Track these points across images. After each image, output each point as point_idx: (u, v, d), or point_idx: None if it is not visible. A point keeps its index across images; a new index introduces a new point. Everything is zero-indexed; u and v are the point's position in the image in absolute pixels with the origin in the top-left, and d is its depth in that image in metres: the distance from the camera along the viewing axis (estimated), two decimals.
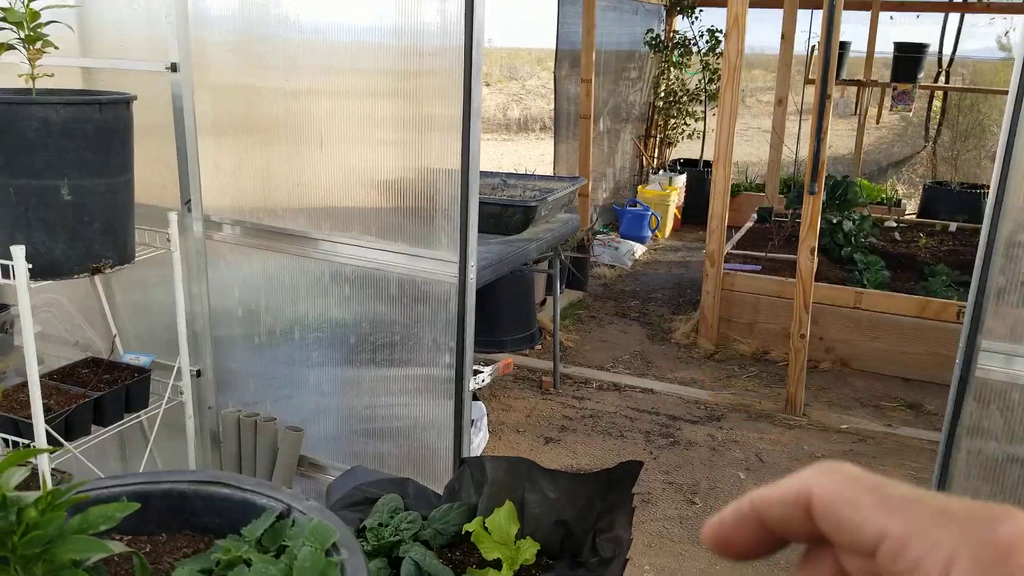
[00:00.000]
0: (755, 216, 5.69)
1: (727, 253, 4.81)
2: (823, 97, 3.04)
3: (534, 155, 11.12)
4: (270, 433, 1.76)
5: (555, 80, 5.61)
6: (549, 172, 6.41)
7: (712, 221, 4.21)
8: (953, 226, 5.55)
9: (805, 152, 6.83)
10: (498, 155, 12.12)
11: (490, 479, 1.31)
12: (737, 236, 5.22)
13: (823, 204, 5.01)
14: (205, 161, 1.87)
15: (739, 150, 12.84)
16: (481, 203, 3.36)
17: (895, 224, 5.61)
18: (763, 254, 4.72)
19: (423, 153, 1.68)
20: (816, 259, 3.67)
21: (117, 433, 1.81)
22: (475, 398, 3.37)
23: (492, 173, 3.75)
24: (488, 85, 23.54)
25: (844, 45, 6.32)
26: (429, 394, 1.72)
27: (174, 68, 1.77)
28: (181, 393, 1.78)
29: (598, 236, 6.45)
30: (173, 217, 1.74)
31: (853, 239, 4.94)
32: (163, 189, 1.87)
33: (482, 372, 1.72)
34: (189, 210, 1.87)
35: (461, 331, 1.64)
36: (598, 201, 6.93)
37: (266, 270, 1.86)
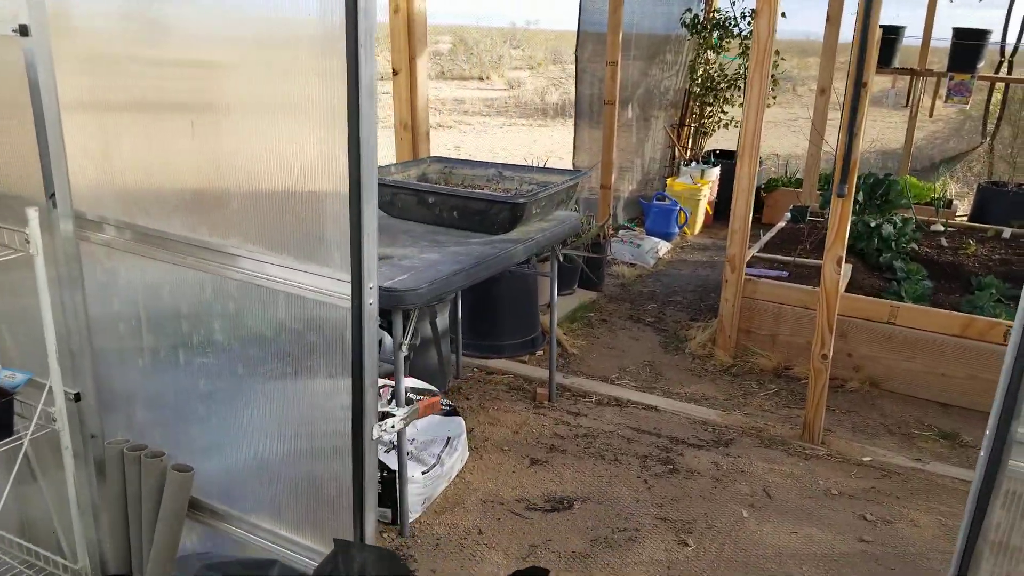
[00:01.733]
0: (788, 215, 5.27)
1: (753, 256, 4.43)
2: (858, 86, 2.65)
3: (567, 141, 10.75)
4: (156, 471, 1.51)
5: (576, 62, 5.25)
6: (571, 161, 6.06)
7: (734, 222, 3.83)
8: (1007, 232, 5.05)
9: None
10: (530, 141, 11.76)
11: (357, 571, 1.04)
12: (766, 237, 4.82)
13: (861, 205, 4.58)
14: (73, 146, 1.61)
15: (785, 141, 12.28)
16: (463, 199, 3.07)
17: (942, 228, 5.12)
18: (791, 259, 4.31)
19: (306, 143, 1.38)
20: (844, 270, 3.28)
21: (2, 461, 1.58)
22: (454, 412, 3.09)
23: (487, 164, 3.44)
24: (532, 69, 23.10)
25: (896, 30, 5.81)
26: (326, 441, 1.44)
27: (24, 31, 1.50)
28: (54, 420, 1.54)
29: (621, 231, 6.09)
30: (33, 214, 1.48)
31: (893, 244, 4.50)
32: (24, 180, 1.61)
33: (394, 416, 1.43)
34: (55, 205, 1.61)
35: (358, 368, 1.35)
36: (623, 194, 6.56)
37: (145, 279, 1.59)
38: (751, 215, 3.82)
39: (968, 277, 4.35)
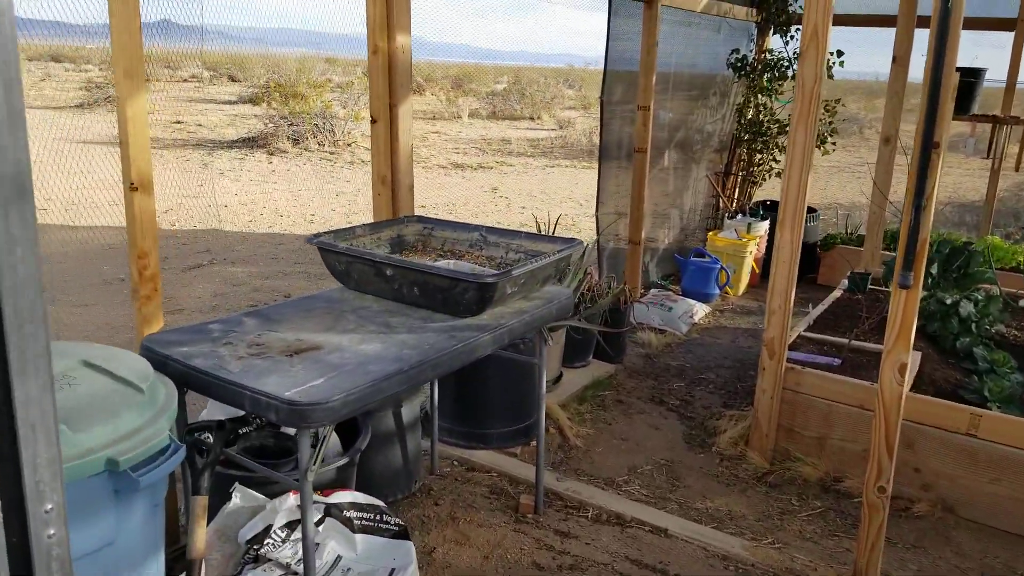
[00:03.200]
0: (845, 283, 4.54)
1: (799, 336, 3.74)
2: (927, 147, 2.00)
3: None
4: None
5: (601, 105, 4.68)
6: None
7: (773, 299, 3.17)
8: None
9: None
10: (572, 183, 11.22)
11: None
12: (816, 311, 4.10)
13: (934, 279, 3.85)
14: None
15: (849, 189, 11.39)
16: (423, 273, 2.51)
17: None
18: (845, 341, 3.60)
19: None
20: (912, 359, 2.59)
21: None
22: (404, 535, 2.48)
23: (471, 226, 2.88)
24: (584, 108, 22.70)
25: (976, 72, 5.07)
26: None
27: None
28: None
29: (652, 291, 5.45)
30: None
31: (973, 327, 3.74)
32: None
33: None
34: None
35: None
36: (659, 245, 5.93)
37: None
38: (795, 290, 3.15)
39: None
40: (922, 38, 4.82)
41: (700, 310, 5.29)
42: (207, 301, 5.25)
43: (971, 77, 5.00)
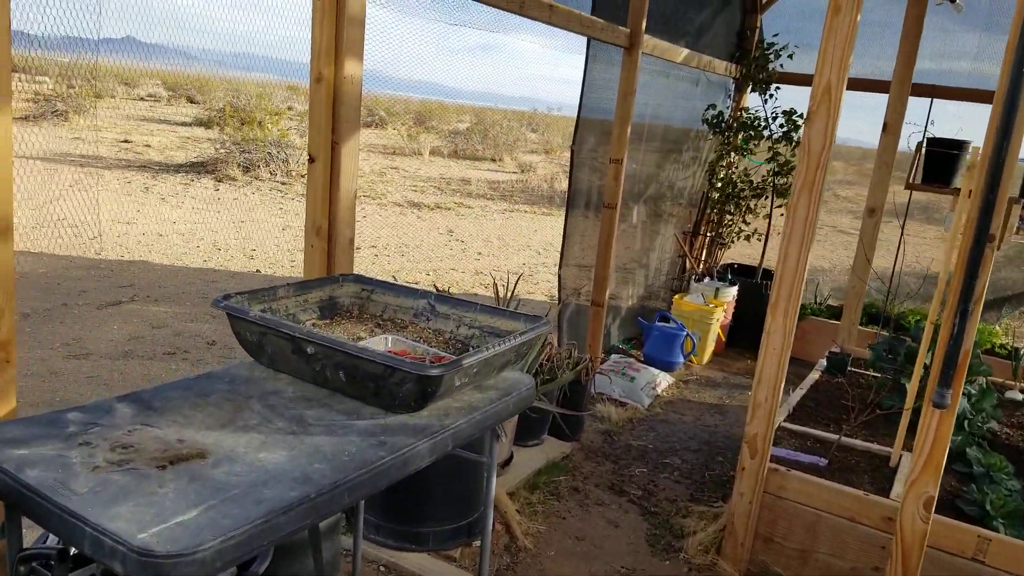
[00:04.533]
0: (824, 363, 4.21)
1: (779, 426, 3.36)
2: (980, 239, 1.64)
3: None
4: None
5: (572, 154, 4.32)
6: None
7: (759, 390, 2.78)
8: None
9: (895, 265, 5.29)
10: (531, 230, 10.87)
11: None
12: (795, 397, 3.74)
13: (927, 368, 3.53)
14: None
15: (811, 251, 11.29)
16: (351, 356, 2.03)
17: (1021, 398, 4.04)
18: (833, 437, 3.23)
19: None
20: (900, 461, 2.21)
21: None
22: None
23: (417, 291, 2.43)
24: (547, 153, 22.60)
25: (959, 145, 4.87)
26: None
27: None
28: None
29: (613, 357, 5.05)
30: None
31: (966, 423, 3.42)
32: None
33: None
34: None
35: None
36: (621, 305, 5.55)
37: None
38: (783, 383, 2.78)
39: None
40: (914, 106, 4.63)
41: (664, 381, 4.91)
42: (120, 346, 4.66)
43: (955, 149, 4.79)
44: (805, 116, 2.41)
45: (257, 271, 6.89)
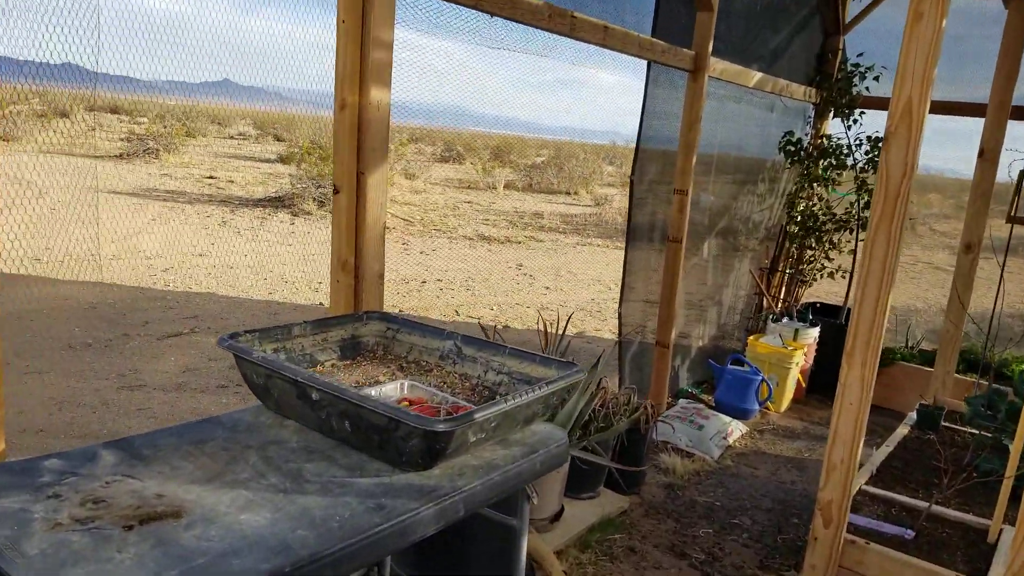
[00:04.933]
0: (913, 416, 3.77)
1: (859, 490, 2.98)
2: None
3: None
4: None
5: (631, 185, 4.08)
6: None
7: (834, 450, 2.44)
8: None
9: (997, 305, 4.77)
10: (603, 263, 10.60)
11: None
12: (879, 456, 3.33)
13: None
14: None
15: (902, 291, 10.55)
16: (355, 405, 1.83)
17: None
18: (923, 505, 2.82)
19: None
20: None
21: None
22: None
23: (444, 332, 2.23)
24: (624, 186, 22.32)
25: None
26: None
27: None
28: None
29: (681, 401, 4.72)
30: None
31: None
32: None
33: None
34: None
35: None
36: (691, 347, 5.21)
37: None
38: (862, 442, 2.43)
39: None
40: (1017, 131, 4.18)
41: (736, 430, 4.53)
42: (174, 377, 4.66)
43: None
44: (885, 136, 2.11)
45: (320, 304, 6.89)
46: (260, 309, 6.48)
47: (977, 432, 3.56)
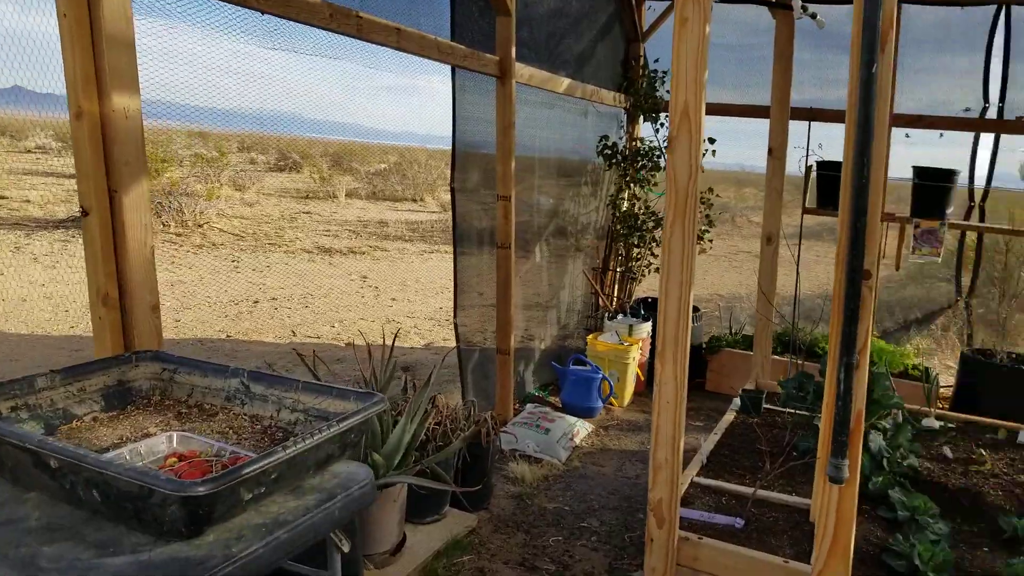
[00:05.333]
0: (737, 402, 3.93)
1: (691, 482, 3.03)
2: (854, 279, 1.34)
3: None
4: None
5: (452, 192, 3.98)
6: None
7: (658, 450, 2.44)
8: (1023, 435, 3.78)
9: (796, 289, 5.12)
10: (449, 271, 10.48)
11: None
12: (707, 445, 3.43)
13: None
14: None
15: (727, 279, 11.18)
16: (97, 471, 1.54)
17: (938, 425, 3.84)
18: (748, 490, 2.91)
19: None
20: None
21: None
22: None
23: (228, 369, 2.00)
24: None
25: (836, 165, 4.75)
26: None
27: None
28: None
29: (528, 406, 4.68)
30: None
31: (885, 462, 3.16)
32: None
33: None
34: None
35: None
36: (534, 350, 5.20)
37: None
38: (683, 437, 2.44)
39: (994, 515, 3.01)
40: (804, 131, 4.48)
41: (582, 430, 4.55)
42: None
43: (835, 171, 4.66)
44: (668, 141, 2.12)
45: None
46: (59, 346, 5.80)
47: (794, 412, 3.76)
